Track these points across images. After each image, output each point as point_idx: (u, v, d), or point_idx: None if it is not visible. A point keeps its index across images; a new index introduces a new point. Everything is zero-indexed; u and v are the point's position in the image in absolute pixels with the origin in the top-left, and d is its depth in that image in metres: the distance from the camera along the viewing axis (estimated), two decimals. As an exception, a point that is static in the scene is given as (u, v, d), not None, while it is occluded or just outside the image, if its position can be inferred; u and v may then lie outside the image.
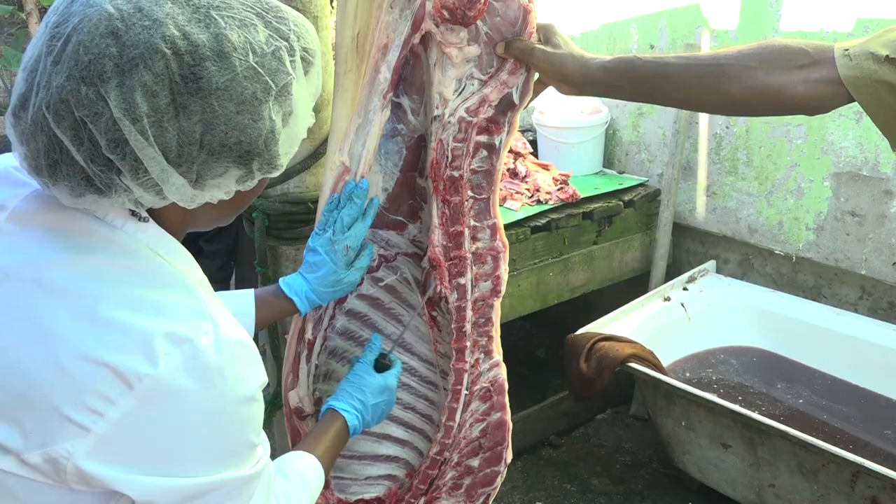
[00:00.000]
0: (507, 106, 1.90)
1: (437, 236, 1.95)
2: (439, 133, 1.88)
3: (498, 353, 2.09)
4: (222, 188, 1.25)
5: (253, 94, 1.18)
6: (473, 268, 2.00)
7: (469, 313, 2.01)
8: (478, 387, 2.08)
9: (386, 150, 1.97)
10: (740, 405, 3.36)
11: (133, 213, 1.25)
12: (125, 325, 1.15)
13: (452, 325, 2.02)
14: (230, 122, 1.18)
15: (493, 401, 2.11)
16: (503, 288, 2.03)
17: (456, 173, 1.92)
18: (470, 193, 1.95)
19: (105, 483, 1.17)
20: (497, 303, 2.05)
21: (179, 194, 1.21)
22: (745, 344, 3.94)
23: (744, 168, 4.05)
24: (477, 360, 2.06)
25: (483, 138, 1.92)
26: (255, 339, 1.99)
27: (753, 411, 3.21)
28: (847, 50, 1.62)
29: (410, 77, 1.91)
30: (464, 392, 2.05)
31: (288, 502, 1.52)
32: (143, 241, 1.25)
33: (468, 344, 2.03)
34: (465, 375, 2.05)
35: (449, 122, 1.88)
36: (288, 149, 1.28)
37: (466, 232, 1.96)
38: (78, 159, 1.16)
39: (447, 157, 1.90)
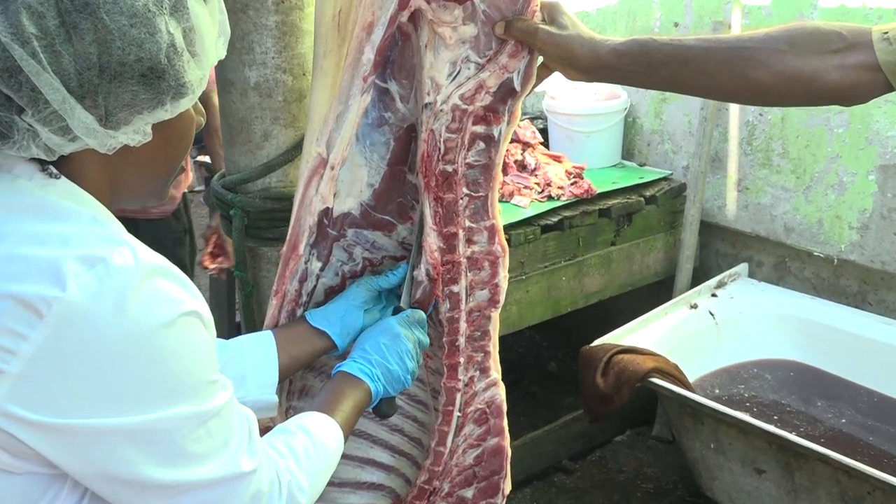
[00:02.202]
0: (507, 93, 1.89)
1: (433, 239, 1.95)
2: (430, 122, 1.88)
3: (496, 371, 2.09)
4: (136, 125, 1.29)
5: (145, 6, 1.24)
6: (468, 274, 2.00)
7: (463, 325, 2.01)
8: (472, 408, 2.07)
9: (371, 141, 1.97)
10: (776, 425, 3.36)
11: (42, 167, 1.29)
12: (28, 257, 1.18)
13: (444, 339, 2.01)
14: (125, 36, 1.22)
15: (490, 424, 2.10)
16: (502, 297, 2.03)
17: (449, 168, 1.91)
18: (465, 191, 1.94)
19: (31, 440, 1.18)
20: (495, 314, 2.04)
21: (90, 135, 1.25)
22: (782, 357, 3.95)
23: (779, 160, 4.05)
24: (471, 378, 2.05)
25: (480, 129, 1.91)
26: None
27: (790, 432, 3.23)
28: (886, 33, 1.61)
29: (399, 60, 1.91)
30: (456, 414, 2.05)
31: (294, 454, 1.52)
32: (51, 192, 1.28)
33: (461, 360, 2.02)
34: (458, 395, 2.04)
35: (441, 111, 1.87)
36: (196, 73, 1.32)
37: (461, 234, 1.96)
38: None
39: (439, 150, 1.89)
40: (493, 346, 2.07)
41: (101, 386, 1.18)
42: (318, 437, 1.59)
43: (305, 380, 2.10)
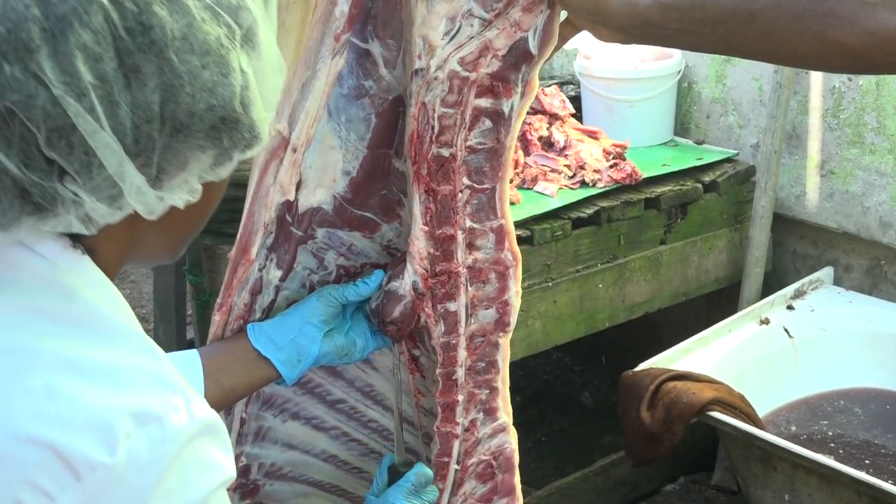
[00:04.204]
0: (520, 57, 1.88)
1: (422, 243, 1.95)
2: (422, 94, 1.88)
3: (506, 414, 2.08)
4: (188, 184, 1.28)
5: (217, 39, 1.22)
6: (469, 289, 1.99)
7: (462, 354, 2.00)
8: (474, 460, 2.07)
9: (347, 117, 1.97)
10: (867, 472, 3.38)
11: (72, 242, 1.28)
12: (73, 397, 1.17)
13: (438, 371, 2.01)
14: (196, 81, 1.21)
15: (497, 481, 2.10)
16: (513, 319, 2.02)
17: (446, 152, 1.91)
18: (466, 181, 1.94)
19: None
20: (504, 340, 2.04)
21: (139, 200, 1.24)
22: (875, 385, 3.95)
23: (873, 137, 4.05)
24: (473, 421, 2.05)
25: (486, 102, 1.91)
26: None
27: (886, 480, 3.24)
28: None
29: (383, 13, 1.91)
30: (453, 467, 2.05)
31: None
32: (80, 283, 1.26)
33: (460, 398, 2.02)
34: (456, 443, 2.04)
35: (436, 79, 1.87)
36: (265, 115, 1.33)
37: (460, 236, 1.96)
38: (9, 167, 1.18)
39: (433, 129, 1.89)
40: (502, 382, 2.07)
41: None
42: None
43: (262, 420, 2.12)
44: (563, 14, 1.87)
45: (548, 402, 4.75)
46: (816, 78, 4.16)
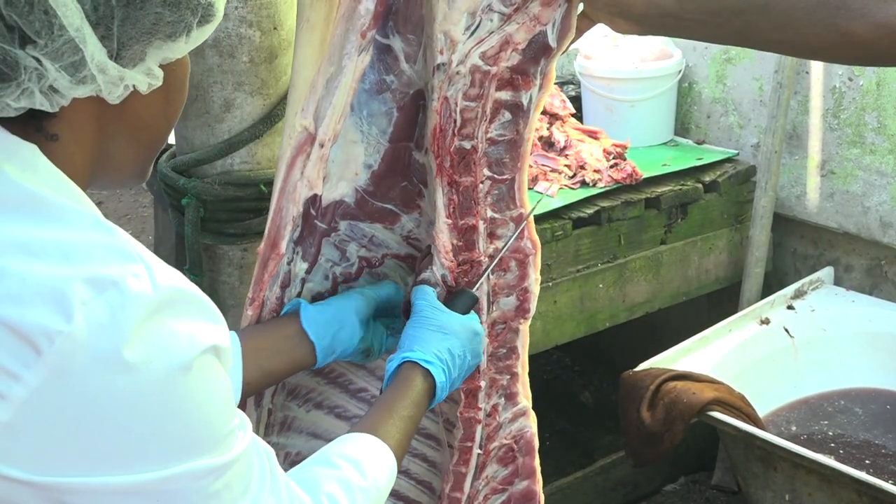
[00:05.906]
0: (539, 50, 1.91)
1: (447, 236, 1.98)
2: (444, 88, 1.90)
3: (525, 398, 2.12)
4: (149, 63, 1.30)
5: None
6: (491, 277, 2.02)
7: (484, 341, 2.02)
8: (496, 444, 2.09)
9: (369, 112, 1.99)
10: (868, 472, 3.38)
11: (38, 130, 1.28)
12: (22, 273, 1.17)
13: (460, 357, 2.04)
14: None
15: (518, 464, 2.12)
16: (533, 306, 2.05)
17: (467, 144, 1.94)
18: (487, 172, 1.97)
19: (24, 501, 1.19)
20: (524, 326, 2.07)
21: (100, 70, 1.25)
22: (876, 385, 3.94)
23: (874, 137, 4.04)
24: (495, 406, 2.07)
25: (506, 95, 1.94)
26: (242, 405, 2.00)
27: (886, 480, 3.23)
28: None
29: (404, 9, 1.93)
30: (476, 451, 2.07)
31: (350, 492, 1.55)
32: (32, 180, 1.26)
33: (482, 384, 2.04)
34: (478, 428, 2.06)
35: (457, 73, 1.90)
36: None
37: (481, 226, 1.99)
38: None
39: (455, 122, 1.92)
40: (522, 367, 2.11)
41: (105, 440, 1.20)
42: (371, 477, 1.61)
43: (287, 409, 2.12)
44: (581, 6, 1.89)
45: (548, 403, 4.62)
46: (817, 78, 4.14)
